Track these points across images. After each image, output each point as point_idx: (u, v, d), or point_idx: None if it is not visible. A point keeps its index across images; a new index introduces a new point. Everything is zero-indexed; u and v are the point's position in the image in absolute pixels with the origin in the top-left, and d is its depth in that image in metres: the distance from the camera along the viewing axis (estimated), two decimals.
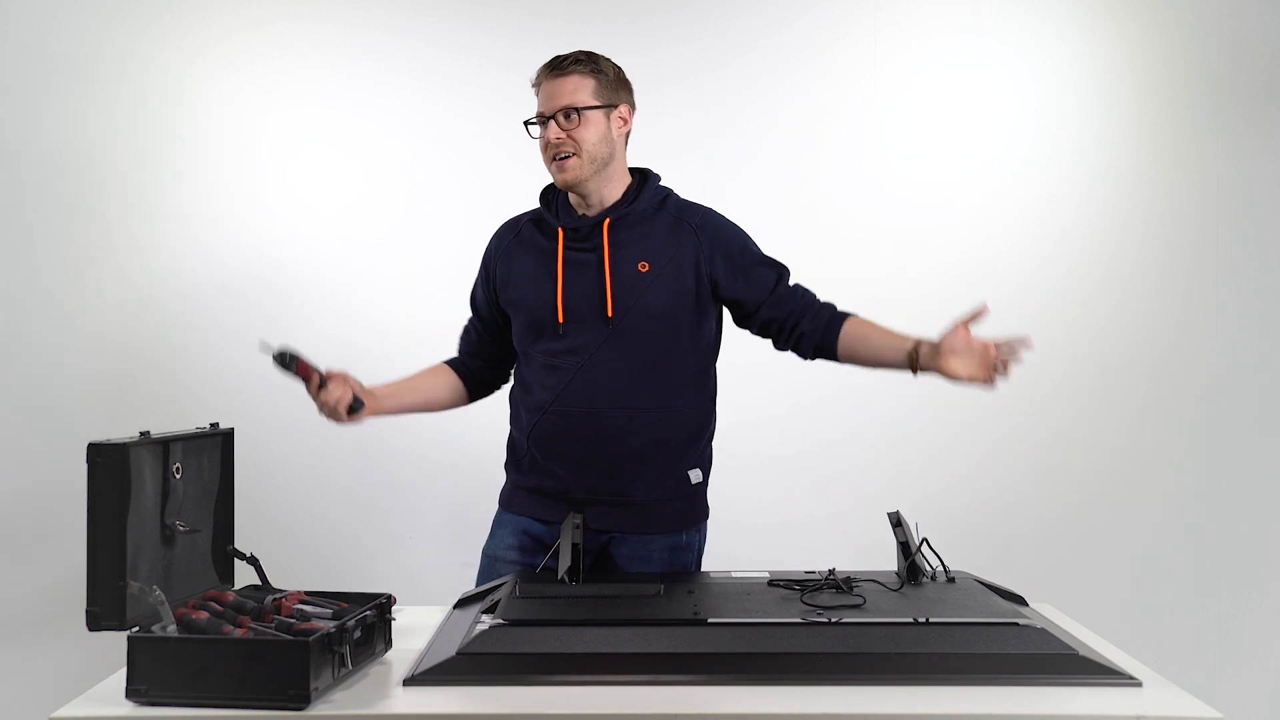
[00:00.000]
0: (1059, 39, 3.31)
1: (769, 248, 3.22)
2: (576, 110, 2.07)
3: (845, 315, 2.21)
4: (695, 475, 2.19)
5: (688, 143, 3.27)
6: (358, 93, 3.27)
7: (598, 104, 2.09)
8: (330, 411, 2.08)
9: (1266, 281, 3.31)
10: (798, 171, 3.31)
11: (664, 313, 2.10)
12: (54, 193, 3.23)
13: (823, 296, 3.22)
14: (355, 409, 2.08)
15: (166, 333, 3.25)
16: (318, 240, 3.27)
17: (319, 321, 3.27)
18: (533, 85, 2.15)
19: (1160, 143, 3.31)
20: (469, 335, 2.34)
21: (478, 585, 2.11)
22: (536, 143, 2.14)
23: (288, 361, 2.00)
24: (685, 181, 3.16)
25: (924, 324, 3.24)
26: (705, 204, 2.26)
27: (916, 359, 2.05)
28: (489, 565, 2.23)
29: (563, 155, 2.09)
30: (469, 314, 2.35)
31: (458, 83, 3.26)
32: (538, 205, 2.25)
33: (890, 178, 3.30)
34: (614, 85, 2.13)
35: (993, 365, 1.95)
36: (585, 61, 2.10)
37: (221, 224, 3.26)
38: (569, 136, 2.08)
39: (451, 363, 2.35)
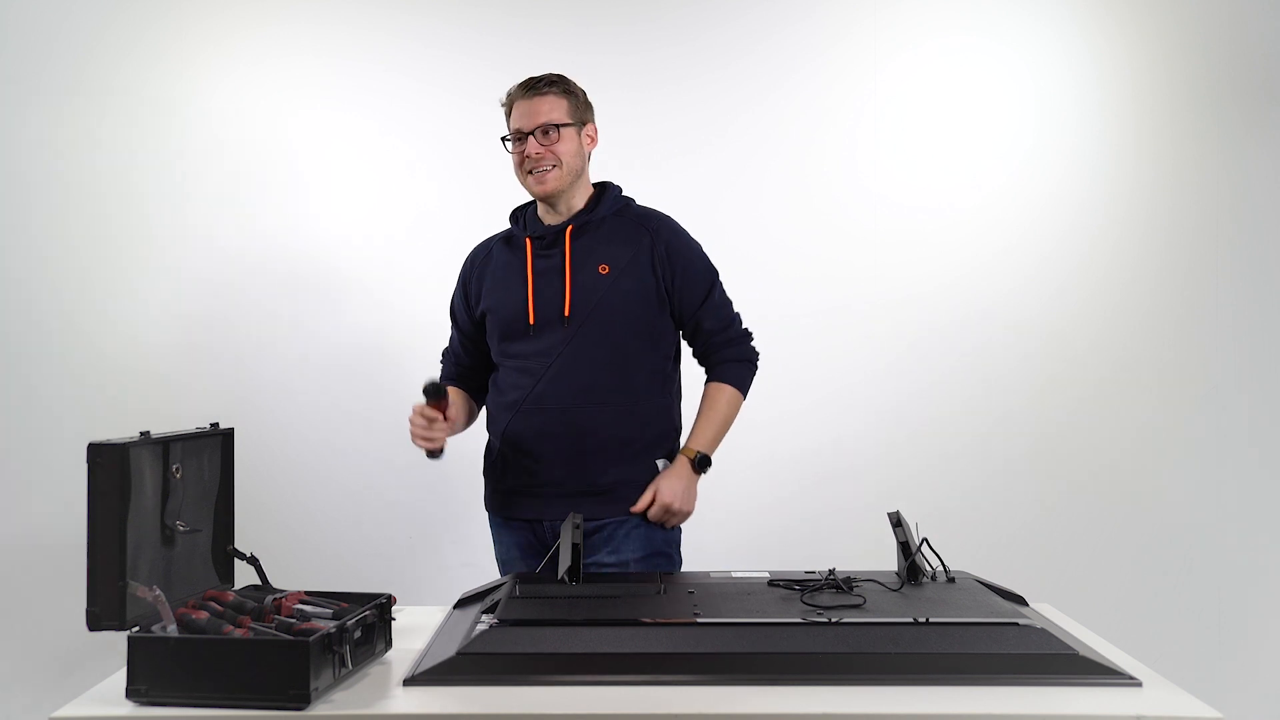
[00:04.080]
0: (1059, 39, 3.31)
1: (769, 248, 3.27)
2: (556, 127, 2.21)
3: (718, 374, 2.35)
4: (663, 464, 2.29)
5: (689, 143, 3.28)
6: (358, 93, 3.27)
7: (571, 121, 2.24)
8: (425, 440, 2.19)
9: (1266, 281, 3.31)
10: (798, 172, 3.31)
11: (625, 311, 2.22)
12: (52, 193, 3.23)
13: (823, 297, 3.27)
14: (435, 454, 2.21)
15: (167, 333, 3.25)
16: (319, 240, 3.28)
17: (319, 320, 3.28)
18: (503, 105, 2.28)
19: (1160, 142, 3.31)
20: (455, 354, 2.44)
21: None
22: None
23: (437, 393, 2.13)
24: (687, 182, 3.19)
25: (924, 323, 3.29)
26: (666, 211, 2.37)
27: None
28: (507, 570, 2.31)
29: (543, 169, 2.21)
30: (448, 337, 2.45)
31: (458, 83, 3.26)
32: (509, 226, 2.38)
33: (890, 178, 3.30)
34: (583, 105, 2.28)
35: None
36: (558, 83, 2.25)
37: (221, 224, 3.26)
38: (548, 151, 2.21)
39: (457, 384, 2.42)
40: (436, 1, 3.28)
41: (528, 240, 2.28)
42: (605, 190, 2.32)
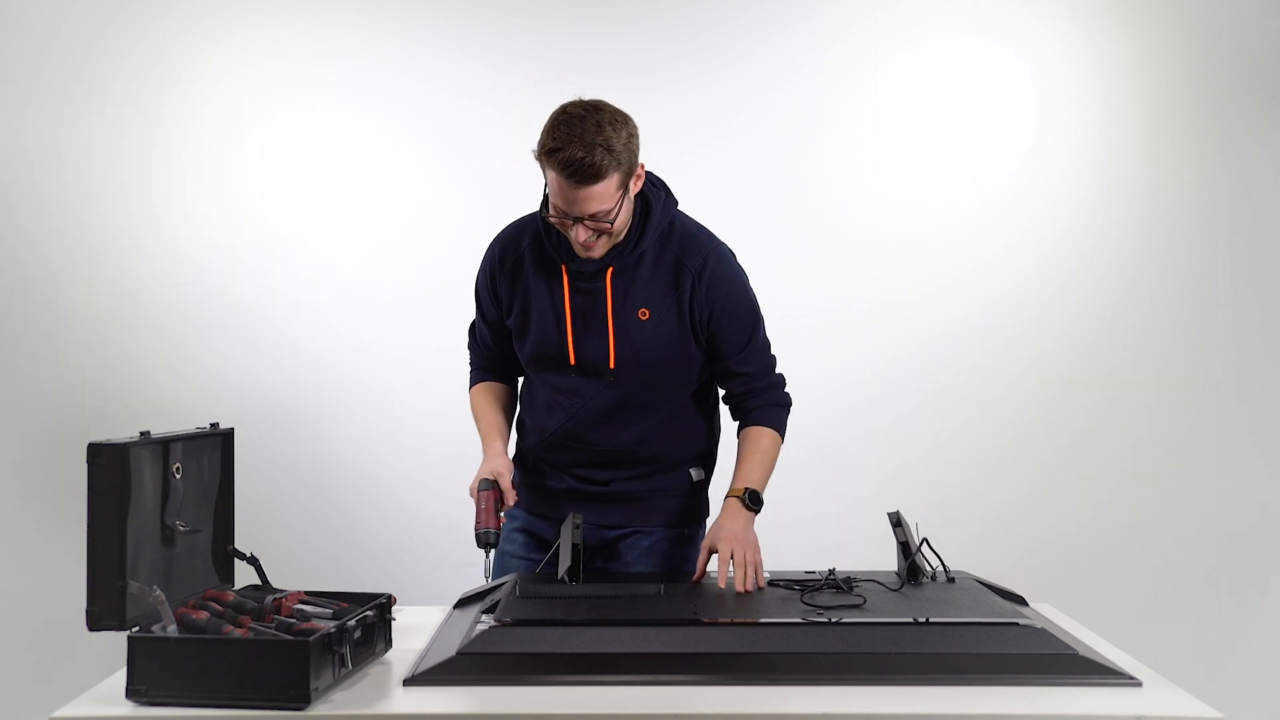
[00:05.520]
0: (1059, 39, 3.30)
1: (769, 248, 3.26)
2: (609, 216, 1.96)
3: (755, 419, 2.22)
4: (696, 473, 2.24)
5: (689, 144, 3.27)
6: (358, 93, 3.27)
7: (622, 191, 1.97)
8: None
9: (1266, 281, 3.31)
10: (798, 172, 3.31)
11: (664, 356, 2.12)
12: (54, 192, 3.23)
13: (823, 297, 3.28)
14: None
15: (167, 333, 3.25)
16: (319, 240, 3.27)
17: (320, 320, 3.27)
18: (535, 156, 1.96)
19: (1160, 142, 3.31)
20: (485, 344, 2.28)
21: (490, 581, 2.10)
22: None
23: (492, 541, 2.05)
24: (687, 183, 3.14)
25: (923, 323, 3.29)
26: (710, 232, 2.20)
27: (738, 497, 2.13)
28: (501, 561, 2.27)
29: (591, 240, 2.00)
30: (474, 320, 2.30)
31: (458, 83, 3.26)
32: (536, 210, 2.16)
33: (890, 178, 3.30)
34: (631, 158, 1.97)
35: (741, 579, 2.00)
36: (609, 163, 1.90)
37: (222, 224, 3.25)
38: (598, 231, 1.99)
39: (491, 377, 2.30)
40: (436, 1, 3.28)
41: (564, 268, 2.10)
42: (649, 212, 2.09)
